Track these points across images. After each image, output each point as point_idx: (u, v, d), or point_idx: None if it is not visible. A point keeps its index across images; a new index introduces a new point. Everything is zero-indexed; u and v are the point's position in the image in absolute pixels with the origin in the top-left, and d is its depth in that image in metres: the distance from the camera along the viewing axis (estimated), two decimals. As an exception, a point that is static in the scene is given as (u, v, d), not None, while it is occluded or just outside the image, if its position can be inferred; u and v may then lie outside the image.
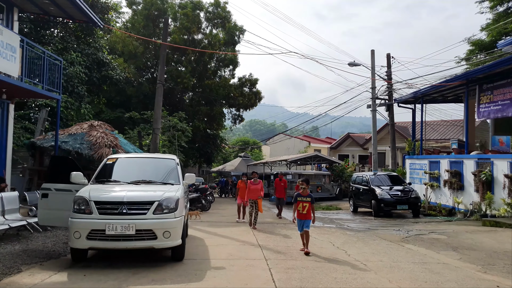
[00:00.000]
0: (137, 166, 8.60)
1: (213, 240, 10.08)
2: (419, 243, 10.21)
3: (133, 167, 8.55)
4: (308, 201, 8.66)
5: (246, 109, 38.29)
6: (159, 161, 8.97)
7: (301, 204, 8.64)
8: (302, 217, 8.65)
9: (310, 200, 8.69)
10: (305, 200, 8.63)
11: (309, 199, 8.68)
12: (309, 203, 8.66)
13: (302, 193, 8.75)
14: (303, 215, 8.64)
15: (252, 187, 13.47)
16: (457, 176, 17.00)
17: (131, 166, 8.56)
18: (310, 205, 8.66)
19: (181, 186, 7.95)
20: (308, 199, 8.67)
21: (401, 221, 15.97)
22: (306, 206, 8.62)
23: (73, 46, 20.43)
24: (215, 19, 34.26)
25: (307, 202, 8.63)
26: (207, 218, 16.08)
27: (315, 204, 9.58)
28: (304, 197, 8.68)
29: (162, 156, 9.42)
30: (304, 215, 8.64)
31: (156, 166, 8.68)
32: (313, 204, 8.73)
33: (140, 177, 7.97)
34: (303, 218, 8.64)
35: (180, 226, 7.05)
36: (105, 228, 6.43)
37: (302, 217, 8.66)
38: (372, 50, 24.58)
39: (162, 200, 6.87)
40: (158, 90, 18.12)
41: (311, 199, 8.70)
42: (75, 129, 14.45)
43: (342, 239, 10.85)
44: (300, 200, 8.68)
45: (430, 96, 21.96)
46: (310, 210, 8.66)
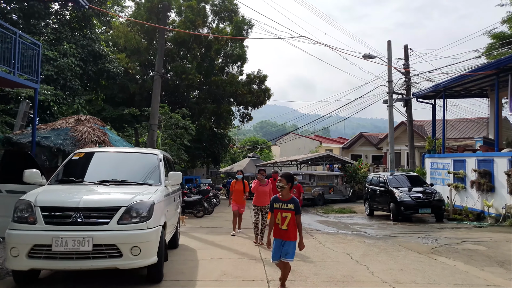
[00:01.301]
0: (110, 163, 7.00)
1: (208, 253, 8.47)
2: (454, 256, 8.53)
3: (104, 163, 6.95)
4: (290, 209, 5.55)
5: (254, 107, 36.65)
6: (137, 156, 7.34)
7: (279, 214, 5.60)
8: (281, 236, 5.56)
9: (294, 207, 5.56)
10: (286, 208, 5.58)
11: (292, 206, 5.57)
12: (291, 212, 5.54)
13: (282, 197, 5.69)
14: (283, 233, 5.54)
15: (259, 190, 10.29)
16: (487, 177, 15.24)
17: (103, 162, 6.96)
18: (293, 216, 5.54)
19: (161, 187, 6.37)
20: (290, 205, 5.57)
21: (424, 226, 14.26)
22: (287, 217, 5.53)
23: (66, 37, 19.00)
24: (222, 12, 32.71)
25: (288, 211, 5.55)
26: (208, 223, 14.52)
27: (328, 207, 7.67)
28: (283, 202, 5.62)
29: (142, 151, 7.74)
30: (284, 232, 5.53)
31: (134, 163, 7.07)
32: (299, 214, 5.59)
33: (112, 175, 6.41)
34: (282, 238, 5.55)
35: (156, 239, 5.47)
36: (52, 242, 4.87)
37: (281, 235, 5.56)
38: (388, 41, 22.87)
39: (131, 205, 5.31)
40: (155, 82, 16.64)
41: (294, 206, 5.57)
42: (60, 124, 12.97)
43: (361, 250, 9.20)
44: (278, 207, 5.64)
45: (452, 90, 20.22)
46: (294, 225, 5.56)
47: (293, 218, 5.53)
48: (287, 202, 5.60)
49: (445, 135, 20.32)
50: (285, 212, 5.55)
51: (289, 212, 5.53)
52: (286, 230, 5.52)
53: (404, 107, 23.84)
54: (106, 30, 31.75)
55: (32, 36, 16.72)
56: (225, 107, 33.82)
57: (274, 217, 5.68)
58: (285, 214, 5.54)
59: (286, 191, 5.64)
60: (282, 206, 5.60)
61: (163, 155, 7.57)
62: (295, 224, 5.56)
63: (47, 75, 16.97)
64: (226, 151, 40.35)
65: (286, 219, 5.54)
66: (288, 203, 5.59)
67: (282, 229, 5.53)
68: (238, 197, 11.71)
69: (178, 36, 30.67)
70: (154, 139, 16.28)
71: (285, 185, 5.59)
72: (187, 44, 31.62)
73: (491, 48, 27.87)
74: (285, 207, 5.57)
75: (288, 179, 5.66)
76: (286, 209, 5.56)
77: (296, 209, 5.55)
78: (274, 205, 5.68)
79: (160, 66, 17.42)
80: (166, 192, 6.52)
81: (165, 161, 7.59)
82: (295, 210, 5.55)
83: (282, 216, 5.57)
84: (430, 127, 35.54)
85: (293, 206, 5.56)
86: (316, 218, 17.23)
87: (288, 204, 5.58)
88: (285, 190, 5.61)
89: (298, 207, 5.60)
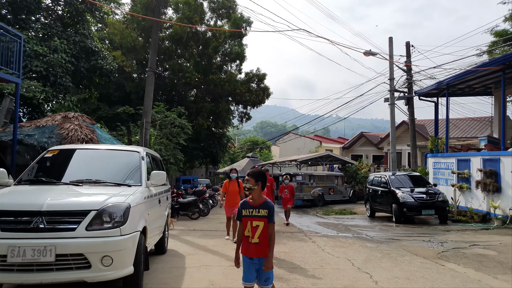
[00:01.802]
0: (86, 161, 6.36)
1: (197, 259, 7.83)
2: (463, 262, 7.90)
3: (80, 162, 6.31)
4: (263, 216, 4.35)
5: (253, 107, 36.01)
6: (117, 154, 6.69)
7: (248, 223, 4.38)
8: (251, 252, 4.33)
9: (267, 214, 4.36)
10: (257, 216, 4.36)
11: (265, 213, 4.36)
12: (264, 220, 4.34)
13: (252, 201, 4.45)
14: (254, 248, 4.32)
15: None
16: (493, 176, 14.60)
17: (78, 160, 6.31)
18: (265, 226, 4.33)
19: (142, 188, 5.74)
20: (262, 212, 4.36)
21: (428, 228, 13.64)
22: (259, 227, 4.32)
23: (57, 32, 18.38)
24: (220, 9, 32.07)
25: (260, 219, 4.35)
26: (203, 225, 13.89)
27: (327, 208, 6.94)
28: (254, 208, 4.39)
29: (123, 148, 7.07)
30: (255, 247, 4.31)
31: (112, 162, 6.44)
32: (273, 223, 4.35)
33: (87, 175, 5.79)
34: (254, 254, 4.32)
35: (132, 247, 4.85)
36: (7, 252, 4.25)
37: (251, 251, 4.33)
38: (390, 37, 22.24)
39: (102, 208, 4.68)
40: (148, 79, 16.01)
41: (268, 213, 4.36)
42: (45, 121, 12.34)
43: (363, 255, 8.58)
44: (248, 215, 4.40)
45: (455, 88, 19.62)
46: (267, 237, 4.33)
47: (265, 228, 4.32)
48: (258, 207, 4.38)
49: (448, 134, 19.72)
50: (256, 221, 4.33)
51: (261, 220, 4.33)
52: (258, 244, 4.30)
53: (406, 105, 23.21)
54: (102, 27, 31.15)
55: (21, 31, 16.12)
56: (223, 106, 33.19)
57: (242, 227, 4.41)
58: (256, 223, 4.33)
59: (257, 193, 4.41)
60: (252, 213, 4.37)
61: (147, 153, 6.95)
62: (266, 235, 4.35)
63: (36, 71, 16.35)
64: (224, 151, 39.70)
65: (258, 229, 4.31)
66: (260, 209, 4.36)
67: (252, 243, 4.31)
68: (232, 199, 10.54)
69: (175, 34, 30.07)
70: (147, 138, 15.64)
71: (253, 185, 4.39)
72: (184, 41, 31.01)
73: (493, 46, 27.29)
74: (257, 214, 4.35)
75: (257, 177, 4.43)
76: (257, 217, 4.34)
77: (269, 216, 4.34)
78: (243, 212, 4.41)
79: (154, 62, 16.79)
80: (147, 193, 5.89)
81: (150, 160, 6.97)
82: (268, 217, 4.34)
83: (253, 226, 4.34)
84: (431, 126, 35.01)
85: (266, 212, 4.34)
86: (315, 220, 16.62)
87: (260, 210, 4.36)
88: (255, 192, 4.40)
89: (272, 214, 4.35)
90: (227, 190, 10.72)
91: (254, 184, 4.40)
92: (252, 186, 4.40)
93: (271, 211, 4.37)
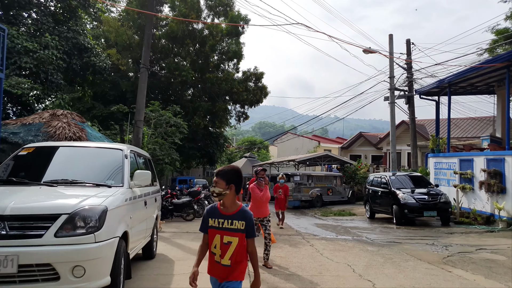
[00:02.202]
0: (64, 160, 5.83)
1: (187, 264, 7.30)
2: (471, 268, 7.41)
3: (57, 160, 5.78)
4: (238, 230, 3.26)
5: (251, 106, 35.55)
6: (98, 152, 6.17)
7: (217, 237, 3.28)
8: (220, 273, 3.27)
9: (244, 227, 3.26)
10: (229, 229, 3.26)
11: (241, 225, 3.26)
12: (239, 235, 3.26)
13: (223, 209, 3.33)
14: (223, 272, 3.26)
15: (261, 196, 7.81)
16: (497, 177, 14.12)
17: (55, 159, 5.78)
18: (242, 242, 3.26)
19: (123, 189, 5.24)
20: (237, 223, 3.26)
21: (431, 231, 13.16)
22: (232, 244, 3.24)
23: (49, 28, 17.84)
24: (217, 6, 31.57)
25: (233, 233, 3.26)
26: (197, 227, 13.23)
27: (326, 209, 6.48)
28: (226, 217, 3.29)
29: (104, 146, 6.51)
30: (225, 271, 3.26)
31: (93, 160, 5.91)
32: (252, 237, 3.31)
33: (64, 175, 5.28)
34: (222, 276, 3.26)
35: (108, 254, 4.34)
36: (-38, 263, 3.75)
37: (219, 272, 3.27)
38: (390, 34, 21.76)
39: (75, 212, 4.17)
40: (141, 76, 15.49)
41: (245, 225, 3.26)
42: (32, 119, 11.81)
43: (364, 260, 8.09)
44: (217, 226, 3.29)
45: (457, 86, 19.14)
46: (244, 258, 3.30)
47: (241, 245, 3.21)
48: (231, 217, 3.24)
49: (450, 133, 19.27)
50: (228, 235, 3.20)
51: (235, 235, 3.20)
52: (229, 267, 3.21)
53: (406, 104, 22.74)
54: (98, 25, 30.63)
55: (11, 27, 15.60)
56: (220, 106, 32.72)
57: (208, 240, 3.31)
58: (228, 239, 3.20)
59: (230, 199, 3.26)
60: (223, 224, 3.23)
61: (132, 152, 6.44)
62: (244, 254, 3.25)
63: (26, 67, 15.82)
64: (222, 151, 39.21)
65: (230, 247, 3.18)
66: (235, 220, 3.23)
67: (222, 264, 3.21)
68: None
69: (171, 31, 29.57)
70: (139, 137, 15.12)
71: (223, 189, 3.21)
72: (180, 40, 30.54)
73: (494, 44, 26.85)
74: (229, 227, 3.21)
75: (229, 178, 3.25)
76: (230, 230, 3.21)
77: (248, 230, 3.23)
78: (210, 221, 3.29)
79: (147, 58, 16.28)
80: (130, 194, 5.39)
81: (135, 159, 6.47)
82: (246, 231, 3.23)
83: (223, 242, 3.21)
84: (430, 126, 34.60)
85: (242, 225, 3.21)
86: (313, 221, 16.14)
87: (235, 221, 3.22)
88: (227, 197, 3.24)
89: (252, 226, 3.27)
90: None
91: (225, 188, 3.22)
92: (222, 191, 3.21)
93: (250, 222, 3.26)
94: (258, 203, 7.76)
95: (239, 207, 3.32)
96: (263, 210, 7.72)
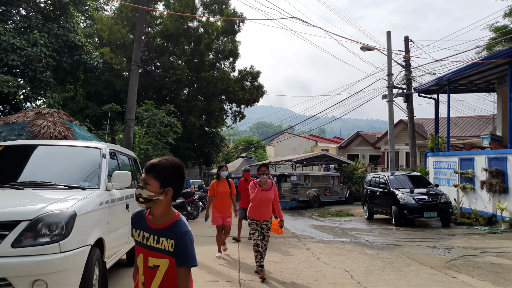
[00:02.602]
0: (35, 159, 5.36)
1: (174, 270, 6.87)
2: (477, 273, 6.97)
3: (28, 160, 5.29)
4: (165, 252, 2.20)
5: (247, 105, 35.02)
6: (74, 151, 5.66)
7: (140, 257, 2.29)
8: None
9: (173, 249, 2.17)
10: (154, 248, 2.23)
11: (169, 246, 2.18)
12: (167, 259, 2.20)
13: (152, 219, 2.29)
14: None
15: (260, 196, 6.70)
16: (500, 176, 13.71)
17: (25, 159, 5.29)
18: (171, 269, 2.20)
19: (99, 191, 4.77)
20: (165, 243, 2.20)
21: (431, 232, 12.73)
22: (159, 270, 2.22)
23: (38, 25, 17.35)
24: (212, 4, 31.06)
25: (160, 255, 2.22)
26: (189, 229, 12.88)
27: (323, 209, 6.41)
28: (152, 232, 2.26)
29: (81, 144, 6.01)
30: None
31: (67, 160, 5.42)
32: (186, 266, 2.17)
33: (34, 176, 4.83)
34: None
35: (77, 266, 3.87)
36: None
37: None
38: (388, 31, 21.35)
39: (37, 218, 3.70)
40: (132, 73, 15.08)
41: (175, 245, 2.17)
42: (16, 117, 11.31)
43: (363, 265, 7.64)
44: (140, 242, 2.30)
45: (456, 84, 18.76)
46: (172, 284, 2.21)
47: (171, 273, 2.22)
48: (159, 232, 2.24)
49: (449, 132, 18.87)
50: (154, 256, 2.24)
51: (163, 258, 2.22)
52: None
53: (404, 102, 22.37)
54: (91, 23, 30.13)
55: (-2, 24, 15.14)
56: (216, 105, 32.20)
57: (135, 258, 2.38)
58: (154, 262, 2.23)
59: (162, 207, 2.26)
60: (148, 240, 2.26)
61: (112, 151, 5.97)
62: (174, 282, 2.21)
63: (13, 65, 15.33)
64: (218, 151, 38.72)
65: (158, 273, 2.23)
66: (162, 237, 2.23)
67: None
68: (222, 202, 8.55)
69: (166, 29, 29.06)
70: (130, 136, 14.67)
71: (156, 194, 2.21)
72: (175, 38, 30.03)
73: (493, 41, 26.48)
74: (154, 246, 2.24)
75: (166, 178, 2.23)
76: (156, 251, 2.23)
77: (178, 253, 2.18)
78: (134, 233, 2.35)
79: (138, 55, 15.86)
80: (107, 197, 4.93)
81: (116, 159, 6.00)
82: (176, 255, 2.18)
83: (148, 266, 2.25)
84: (429, 125, 34.25)
85: (171, 245, 2.19)
86: (310, 223, 15.69)
87: (162, 238, 2.22)
88: (159, 204, 2.24)
89: (185, 248, 2.18)
90: (215, 192, 8.63)
91: (158, 192, 2.19)
92: (153, 196, 2.19)
93: (182, 242, 2.17)
94: (260, 203, 6.73)
95: (173, 218, 2.25)
96: (264, 212, 6.76)
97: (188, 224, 2.29)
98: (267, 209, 6.78)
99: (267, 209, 6.77)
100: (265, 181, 6.77)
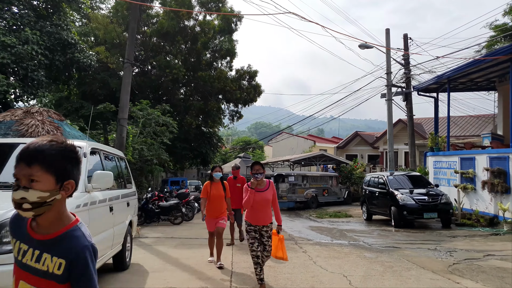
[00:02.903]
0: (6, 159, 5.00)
1: (163, 277, 6.49)
2: (481, 278, 6.63)
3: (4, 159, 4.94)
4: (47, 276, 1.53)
5: (245, 105, 34.68)
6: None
7: (13, 278, 1.63)
8: None
9: (62, 272, 1.52)
10: (34, 269, 1.55)
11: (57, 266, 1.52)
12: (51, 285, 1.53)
13: (36, 225, 1.61)
14: None
15: (257, 198, 5.94)
16: (502, 176, 13.38)
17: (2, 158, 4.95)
18: None
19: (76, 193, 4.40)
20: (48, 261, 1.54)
21: (432, 234, 12.40)
22: None
23: (29, 23, 16.99)
24: (209, 3, 30.73)
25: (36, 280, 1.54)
26: (183, 231, 12.57)
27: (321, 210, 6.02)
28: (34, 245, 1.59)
29: None
30: None
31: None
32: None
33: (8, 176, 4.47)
34: None
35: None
36: None
37: None
38: (387, 29, 20.98)
39: None
40: (125, 71, 14.71)
41: (65, 266, 1.52)
42: (3, 116, 10.97)
43: (362, 269, 7.30)
44: (15, 257, 1.63)
45: (456, 82, 18.45)
46: None
47: None
48: (42, 245, 1.57)
49: (450, 131, 18.55)
50: (29, 283, 1.56)
51: (46, 283, 1.54)
52: None
53: (403, 101, 22.05)
54: (86, 22, 29.78)
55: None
56: (213, 105, 31.83)
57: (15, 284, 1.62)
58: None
59: (57, 210, 1.58)
60: (24, 255, 1.59)
61: (95, 149, 5.62)
62: None
63: (3, 63, 14.97)
64: (215, 151, 38.36)
65: None
66: (45, 252, 1.56)
67: None
68: (216, 206, 7.75)
69: (161, 28, 28.71)
70: (123, 136, 14.30)
71: (53, 192, 1.54)
72: (171, 37, 29.66)
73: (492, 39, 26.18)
74: (34, 266, 1.56)
75: (61, 167, 1.56)
76: (33, 272, 1.56)
77: (71, 279, 1.54)
78: (12, 244, 1.66)
79: (131, 53, 15.49)
80: (86, 200, 4.59)
81: (100, 158, 5.65)
82: (68, 280, 1.54)
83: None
84: (428, 125, 33.95)
85: (59, 266, 1.53)
86: (308, 224, 15.35)
87: (46, 254, 1.56)
88: (55, 206, 1.57)
89: (84, 270, 1.53)
90: (208, 195, 7.84)
91: (54, 188, 1.56)
92: (47, 197, 1.53)
93: (81, 262, 1.54)
94: (258, 207, 5.97)
95: (67, 226, 1.60)
96: (263, 216, 6.02)
97: (90, 234, 1.61)
98: (266, 212, 6.01)
99: (266, 212, 6.01)
100: (258, 182, 5.94)
